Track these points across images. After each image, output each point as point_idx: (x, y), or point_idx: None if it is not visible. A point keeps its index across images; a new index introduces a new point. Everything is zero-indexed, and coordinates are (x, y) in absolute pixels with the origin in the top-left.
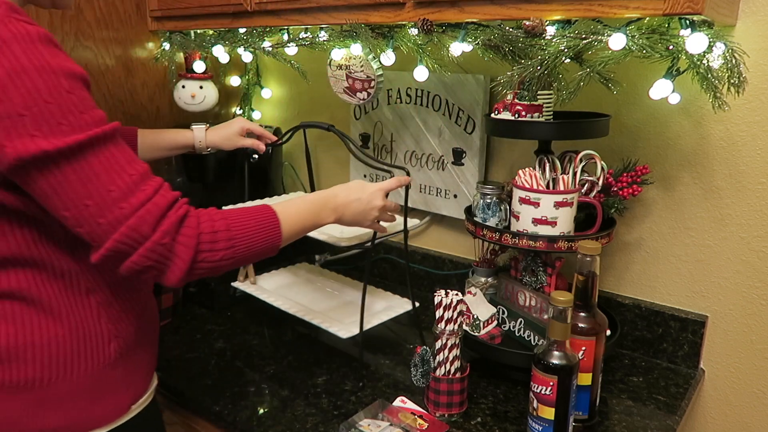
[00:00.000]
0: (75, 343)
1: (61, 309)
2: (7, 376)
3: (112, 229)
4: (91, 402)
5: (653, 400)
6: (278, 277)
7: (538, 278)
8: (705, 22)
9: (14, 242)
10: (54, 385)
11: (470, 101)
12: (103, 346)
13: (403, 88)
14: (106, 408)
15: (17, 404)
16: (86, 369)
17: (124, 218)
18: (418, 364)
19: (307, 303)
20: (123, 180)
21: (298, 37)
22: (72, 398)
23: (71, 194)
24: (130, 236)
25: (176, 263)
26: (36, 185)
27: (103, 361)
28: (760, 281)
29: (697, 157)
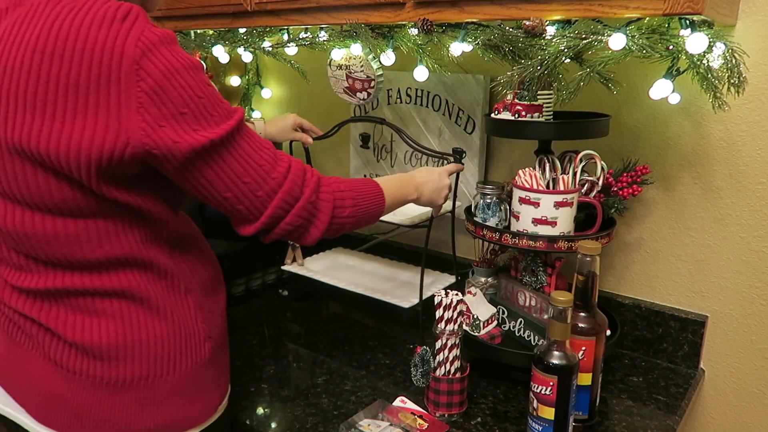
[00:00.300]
0: (177, 342)
1: (166, 308)
2: (114, 374)
3: (270, 198)
4: (188, 401)
5: (653, 400)
6: (322, 260)
7: (538, 278)
8: (705, 22)
9: (127, 242)
10: (157, 383)
11: (470, 101)
12: (200, 346)
13: (403, 88)
14: (200, 407)
15: (123, 403)
16: (186, 368)
17: (278, 186)
18: (418, 364)
19: (355, 281)
20: (267, 153)
21: (298, 37)
22: (172, 397)
23: (232, 176)
24: (286, 200)
25: (320, 218)
26: (200, 175)
27: (199, 360)
28: (760, 281)
29: (697, 157)
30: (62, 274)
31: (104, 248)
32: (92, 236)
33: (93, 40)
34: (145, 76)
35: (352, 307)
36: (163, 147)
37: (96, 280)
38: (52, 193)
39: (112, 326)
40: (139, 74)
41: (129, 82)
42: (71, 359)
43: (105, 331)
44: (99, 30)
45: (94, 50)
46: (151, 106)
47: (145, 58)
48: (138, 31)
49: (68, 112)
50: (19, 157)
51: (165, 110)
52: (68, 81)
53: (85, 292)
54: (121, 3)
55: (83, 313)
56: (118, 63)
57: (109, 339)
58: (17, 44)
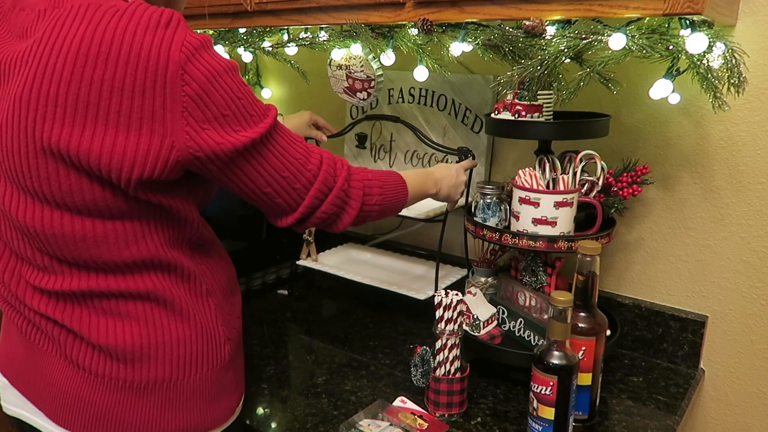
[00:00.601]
0: (199, 344)
1: (189, 310)
2: (138, 377)
3: (307, 189)
4: (209, 403)
5: (653, 400)
6: (336, 255)
7: (538, 278)
8: (705, 22)
9: (153, 244)
10: (179, 385)
11: (478, 101)
12: (220, 348)
13: (406, 87)
14: (220, 409)
15: (145, 405)
16: (207, 370)
17: (314, 177)
18: (418, 364)
19: (370, 274)
20: (300, 147)
21: (298, 37)
22: (194, 399)
23: (271, 171)
24: (322, 190)
25: (352, 206)
26: (241, 173)
27: (220, 362)
28: (760, 281)
29: (697, 157)
30: (87, 275)
31: (131, 250)
32: (120, 238)
33: (139, 44)
34: (190, 80)
35: (352, 307)
36: (207, 149)
37: (121, 282)
38: (83, 194)
39: (137, 329)
40: (184, 79)
41: (174, 86)
42: (94, 361)
43: (129, 334)
44: (144, 35)
45: (140, 55)
46: (195, 109)
47: (189, 63)
48: (181, 36)
49: (111, 115)
50: (53, 158)
51: (209, 113)
52: (113, 84)
53: (110, 294)
54: (164, 9)
55: (107, 315)
56: (164, 68)
57: (133, 341)
58: (58, 46)
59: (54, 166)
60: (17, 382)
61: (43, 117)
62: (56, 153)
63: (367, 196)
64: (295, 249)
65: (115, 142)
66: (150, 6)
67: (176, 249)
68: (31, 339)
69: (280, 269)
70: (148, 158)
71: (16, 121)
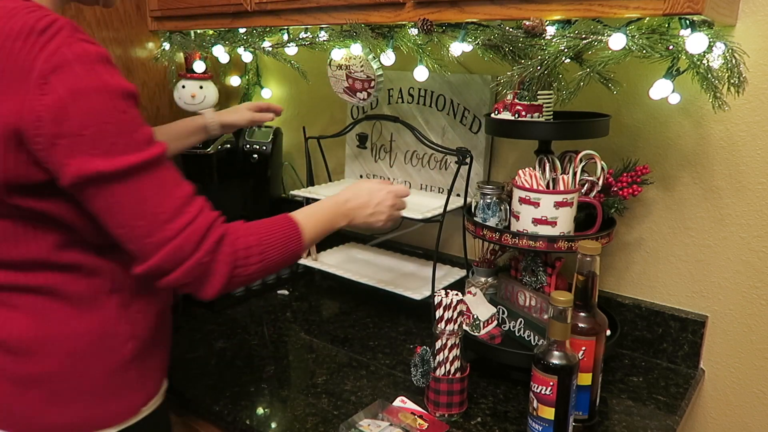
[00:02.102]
0: (93, 340)
1: (84, 306)
2: (25, 369)
3: (158, 249)
4: (104, 401)
5: (653, 400)
6: (336, 254)
7: (538, 278)
8: (705, 22)
9: (44, 246)
10: (69, 380)
11: (476, 101)
12: (120, 346)
13: (405, 87)
14: (118, 408)
15: (33, 398)
16: (102, 367)
17: (169, 240)
18: (418, 364)
19: (369, 274)
20: (171, 202)
21: (298, 37)
22: (86, 395)
23: (124, 214)
24: (174, 256)
25: (215, 278)
26: (92, 202)
27: (118, 360)
28: (760, 281)
29: (697, 157)
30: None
31: (20, 250)
32: (8, 237)
33: (8, 49)
34: (50, 91)
35: (352, 307)
36: (50, 166)
37: (12, 277)
38: None
39: (27, 321)
40: (43, 89)
41: (33, 95)
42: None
43: (18, 325)
44: (15, 41)
45: (8, 60)
46: (49, 122)
47: (54, 74)
48: (55, 45)
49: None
50: None
51: (63, 128)
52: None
53: (2, 286)
54: (47, 14)
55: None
56: (27, 75)
57: (21, 333)
58: None
59: None
60: None
61: None
62: None
63: (239, 268)
64: None
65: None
66: (36, 10)
67: (73, 250)
68: None
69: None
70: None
71: None
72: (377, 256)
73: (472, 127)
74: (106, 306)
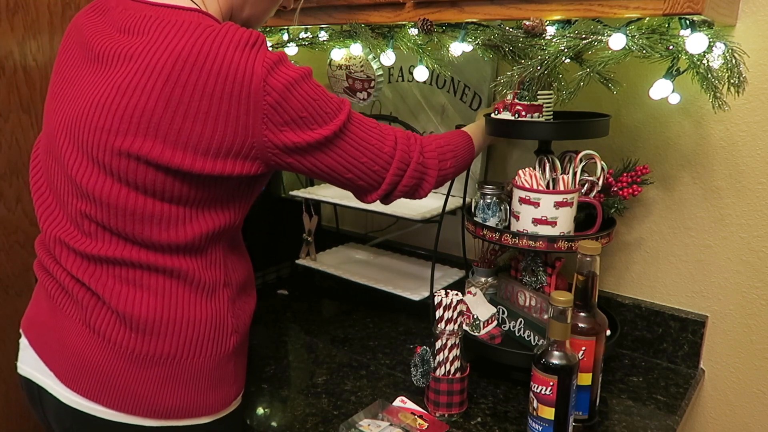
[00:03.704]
0: (208, 328)
1: (205, 294)
2: (147, 348)
3: (386, 170)
4: (207, 389)
5: (653, 400)
6: (335, 255)
7: (538, 278)
8: (705, 22)
9: (193, 232)
10: (183, 364)
11: (477, 78)
12: (227, 337)
13: (406, 66)
14: (217, 397)
15: (149, 376)
16: (211, 356)
17: (391, 158)
18: (418, 364)
19: (367, 274)
20: (374, 133)
21: (298, 37)
22: (194, 380)
23: (350, 159)
24: (400, 167)
25: (430, 174)
26: (321, 164)
27: (224, 351)
28: (760, 281)
29: (697, 157)
30: (123, 245)
31: (171, 233)
32: (167, 219)
33: (230, 59)
34: (271, 90)
35: (352, 307)
36: (283, 147)
37: (152, 257)
38: (146, 176)
39: (154, 301)
40: (265, 89)
41: (258, 96)
42: (110, 328)
43: (147, 305)
44: (234, 52)
45: (230, 68)
46: (275, 115)
47: (270, 76)
48: (263, 54)
49: (200, 114)
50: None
51: (287, 116)
52: (204, 89)
53: (138, 264)
54: (252, 31)
55: (131, 284)
56: (249, 80)
57: (148, 313)
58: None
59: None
60: (36, 344)
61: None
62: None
63: (441, 162)
64: (295, 249)
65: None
66: (240, 27)
67: (212, 239)
68: (57, 302)
69: (280, 269)
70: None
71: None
72: (376, 257)
73: (472, 104)
74: (221, 298)
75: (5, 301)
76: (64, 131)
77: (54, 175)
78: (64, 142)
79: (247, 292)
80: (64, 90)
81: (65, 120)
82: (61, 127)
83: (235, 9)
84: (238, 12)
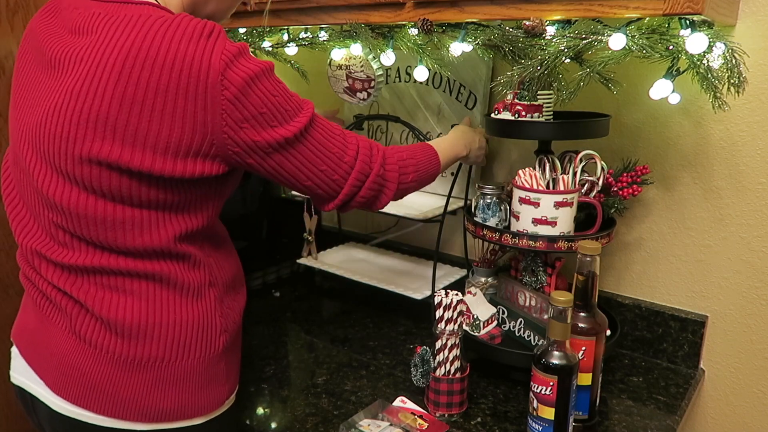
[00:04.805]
0: (195, 329)
1: (190, 296)
2: (133, 352)
3: (344, 180)
4: (198, 390)
5: (653, 400)
6: (336, 254)
7: (538, 278)
8: (705, 22)
9: (166, 235)
10: (171, 366)
11: (473, 77)
12: (215, 338)
13: (403, 66)
14: (208, 397)
15: (137, 381)
16: (200, 357)
17: (350, 168)
18: (418, 364)
19: (369, 274)
20: (337, 140)
21: (298, 37)
22: (184, 382)
23: (309, 166)
24: (359, 178)
25: (389, 187)
26: (280, 167)
27: (213, 351)
28: (760, 281)
29: (697, 157)
30: (101, 253)
31: (144, 238)
32: (137, 224)
33: (183, 52)
34: (229, 85)
35: (352, 307)
36: (244, 146)
37: (131, 263)
38: (111, 182)
39: (138, 305)
40: (223, 84)
41: (215, 91)
42: (96, 334)
43: (130, 310)
44: (189, 44)
45: (184, 61)
46: (234, 111)
47: (228, 69)
48: (221, 46)
49: (155, 114)
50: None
51: (246, 113)
52: (158, 86)
53: (118, 271)
54: (206, 21)
55: (113, 290)
56: (205, 74)
57: (132, 317)
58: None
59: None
60: (26, 352)
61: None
62: (98, 161)
63: (402, 176)
64: (295, 249)
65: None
66: (195, 18)
67: (188, 241)
68: (43, 311)
69: (281, 269)
70: (191, 148)
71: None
72: (377, 256)
73: (467, 103)
74: (207, 298)
75: (5, 301)
76: (26, 142)
77: (24, 186)
78: (28, 152)
79: (236, 290)
80: (24, 98)
81: (26, 130)
82: (23, 138)
83: (197, 4)
84: (201, 7)
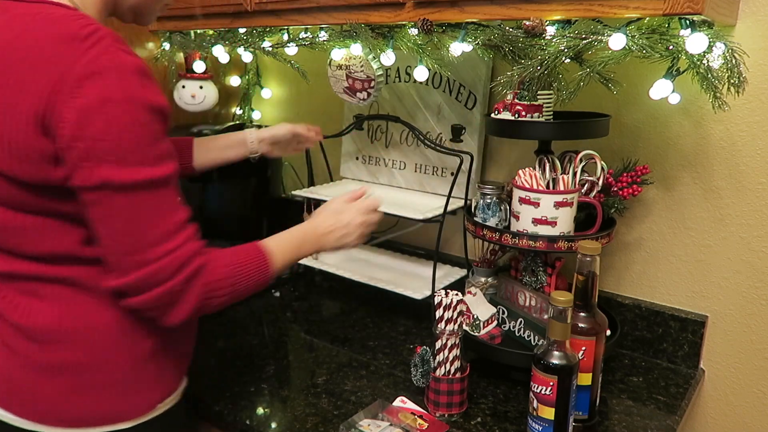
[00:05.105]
0: (116, 333)
1: (108, 299)
2: (50, 357)
3: (136, 269)
4: (122, 394)
5: (653, 400)
6: (337, 254)
7: (538, 278)
8: (705, 22)
9: (69, 241)
10: (91, 371)
11: (472, 77)
12: (140, 341)
13: (402, 66)
14: (135, 402)
15: (56, 387)
16: (122, 360)
17: (148, 262)
18: (418, 364)
19: (369, 273)
20: (162, 226)
21: (298, 37)
22: (107, 387)
23: (116, 226)
24: (149, 279)
25: (182, 307)
26: (91, 208)
27: (138, 354)
28: (760, 281)
29: (697, 157)
30: (12, 260)
31: (47, 244)
32: (37, 231)
33: (50, 52)
34: (80, 95)
35: (352, 307)
36: (69, 164)
37: (42, 268)
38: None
39: (53, 310)
40: (75, 92)
41: (65, 95)
42: (14, 340)
43: (44, 315)
44: (59, 45)
45: (49, 62)
46: (74, 124)
47: (89, 80)
48: (95, 53)
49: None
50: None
51: (84, 132)
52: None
53: (30, 276)
54: (91, 22)
55: (28, 295)
56: (61, 76)
57: (47, 322)
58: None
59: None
60: None
61: None
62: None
63: (209, 299)
64: None
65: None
66: (81, 18)
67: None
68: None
69: None
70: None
71: None
72: (377, 256)
73: (467, 103)
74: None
75: None
76: None
77: None
78: None
79: None
80: None
81: None
82: None
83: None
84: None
